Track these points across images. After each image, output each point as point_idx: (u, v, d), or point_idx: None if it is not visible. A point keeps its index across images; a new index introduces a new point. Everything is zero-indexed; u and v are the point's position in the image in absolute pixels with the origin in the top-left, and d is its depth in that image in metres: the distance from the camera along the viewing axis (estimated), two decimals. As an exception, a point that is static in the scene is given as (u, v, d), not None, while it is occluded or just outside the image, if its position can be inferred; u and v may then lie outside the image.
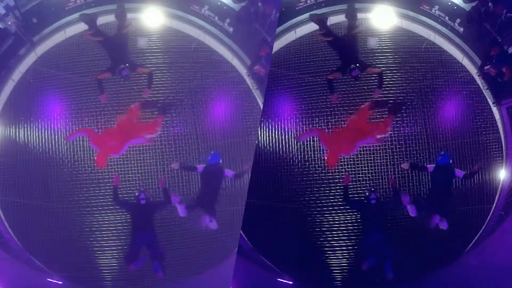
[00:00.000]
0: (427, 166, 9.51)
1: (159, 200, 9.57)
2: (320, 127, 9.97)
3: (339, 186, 9.89)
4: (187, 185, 9.93)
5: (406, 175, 9.89)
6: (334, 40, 9.73)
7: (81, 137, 9.86)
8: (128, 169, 9.90)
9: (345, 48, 9.68)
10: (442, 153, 9.52)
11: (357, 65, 9.54)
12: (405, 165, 9.66)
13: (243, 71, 10.17)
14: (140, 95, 9.82)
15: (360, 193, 9.82)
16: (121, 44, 9.66)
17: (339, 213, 9.94)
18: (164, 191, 9.44)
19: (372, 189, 9.53)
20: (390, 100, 9.92)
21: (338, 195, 9.92)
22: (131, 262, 9.26)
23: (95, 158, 9.61)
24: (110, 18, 10.15)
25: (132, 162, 9.89)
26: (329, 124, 10.02)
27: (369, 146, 9.91)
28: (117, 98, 9.95)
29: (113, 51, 9.62)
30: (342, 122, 9.96)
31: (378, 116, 9.67)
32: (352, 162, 9.95)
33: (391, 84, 10.06)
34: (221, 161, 9.45)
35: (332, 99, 9.86)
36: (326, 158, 9.71)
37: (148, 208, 9.35)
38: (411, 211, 9.28)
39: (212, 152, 9.59)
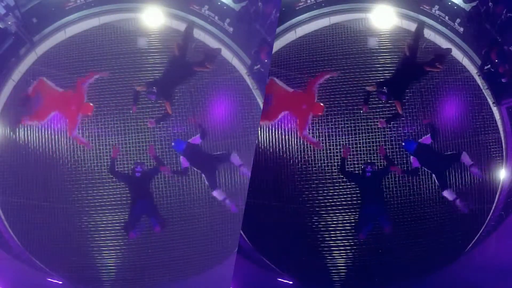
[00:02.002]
0: (413, 167, 9.64)
1: (152, 167, 9.70)
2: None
3: (340, 186, 9.91)
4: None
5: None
6: (407, 57, 9.64)
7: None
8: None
9: (403, 72, 9.64)
10: (404, 144, 9.67)
11: (388, 91, 9.50)
12: (397, 170, 9.75)
13: (243, 71, 10.17)
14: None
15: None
16: (181, 74, 9.76)
17: (339, 213, 9.93)
18: (155, 158, 9.67)
19: (369, 161, 9.59)
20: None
21: (338, 195, 9.94)
22: (130, 230, 9.48)
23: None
24: (110, 18, 10.19)
25: (131, 164, 9.86)
26: (330, 123, 10.02)
27: (368, 149, 9.92)
28: (119, 99, 9.97)
29: (171, 71, 9.70)
30: (343, 122, 10.00)
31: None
32: (351, 164, 9.97)
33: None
34: (184, 142, 9.62)
35: (363, 109, 9.85)
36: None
37: (144, 179, 9.55)
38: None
39: (173, 143, 9.67)
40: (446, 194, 9.56)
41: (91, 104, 9.75)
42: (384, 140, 9.93)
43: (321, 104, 9.84)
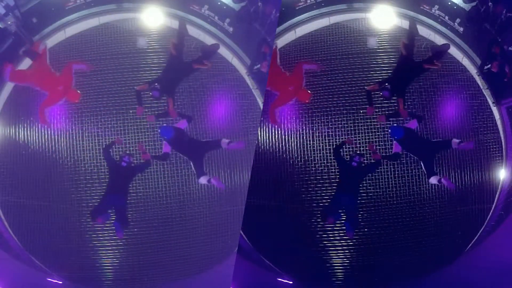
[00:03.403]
0: (394, 151, 9.62)
1: (139, 163, 9.66)
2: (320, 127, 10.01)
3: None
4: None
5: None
6: (405, 56, 9.71)
7: (81, 138, 9.87)
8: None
9: (403, 71, 9.69)
10: (390, 130, 9.59)
11: (391, 88, 9.54)
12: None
13: (243, 71, 10.17)
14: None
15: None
16: (181, 71, 9.77)
17: (339, 213, 9.94)
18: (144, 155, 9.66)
19: (358, 152, 9.59)
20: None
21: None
22: (97, 217, 9.38)
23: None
24: (110, 18, 10.19)
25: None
26: (329, 123, 10.02)
27: (367, 149, 9.91)
28: (116, 99, 9.96)
29: (170, 69, 9.73)
30: (343, 122, 9.99)
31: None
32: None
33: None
34: (172, 128, 9.53)
35: (368, 111, 9.83)
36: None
37: (128, 172, 9.49)
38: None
39: (159, 130, 9.62)
40: (432, 180, 9.50)
41: (79, 91, 9.72)
42: (384, 140, 9.93)
43: (309, 91, 9.83)
